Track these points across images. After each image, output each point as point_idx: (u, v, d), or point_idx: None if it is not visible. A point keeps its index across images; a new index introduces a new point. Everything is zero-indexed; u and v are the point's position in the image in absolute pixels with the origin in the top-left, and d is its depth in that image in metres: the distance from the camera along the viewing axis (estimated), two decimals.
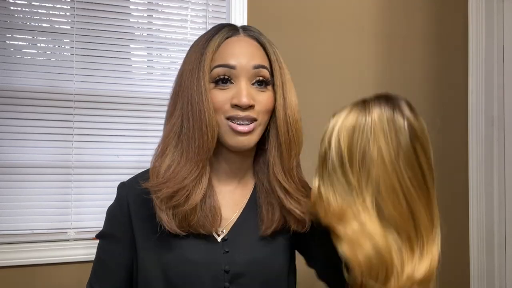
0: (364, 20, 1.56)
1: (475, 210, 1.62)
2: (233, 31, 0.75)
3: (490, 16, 1.62)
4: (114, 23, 1.34)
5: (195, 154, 0.71)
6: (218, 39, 0.73)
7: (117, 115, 1.34)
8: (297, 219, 0.74)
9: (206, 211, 0.72)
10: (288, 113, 0.75)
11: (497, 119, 1.62)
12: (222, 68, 0.71)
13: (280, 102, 0.75)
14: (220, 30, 0.75)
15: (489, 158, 1.62)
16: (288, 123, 0.75)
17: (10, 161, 1.25)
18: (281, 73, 0.76)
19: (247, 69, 0.72)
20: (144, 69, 1.39)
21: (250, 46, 0.75)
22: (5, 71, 1.24)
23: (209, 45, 0.73)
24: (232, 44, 0.74)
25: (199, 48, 0.74)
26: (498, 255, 1.61)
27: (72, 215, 1.29)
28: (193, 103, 0.71)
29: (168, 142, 0.73)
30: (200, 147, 0.71)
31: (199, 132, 0.70)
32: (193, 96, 0.71)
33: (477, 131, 1.62)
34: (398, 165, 0.58)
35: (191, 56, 0.75)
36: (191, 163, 0.71)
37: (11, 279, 1.22)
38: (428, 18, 1.64)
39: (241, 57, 0.72)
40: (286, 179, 0.75)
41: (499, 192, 1.62)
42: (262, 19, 1.44)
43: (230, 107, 0.71)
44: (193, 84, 0.71)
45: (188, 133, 0.71)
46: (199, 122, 0.70)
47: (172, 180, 0.69)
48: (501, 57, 1.62)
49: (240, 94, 0.70)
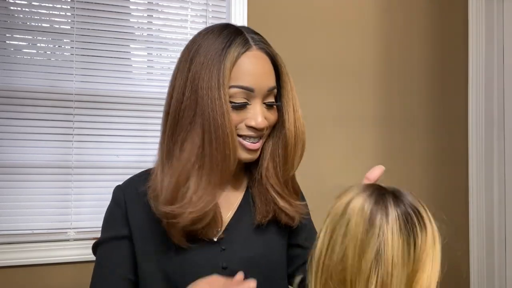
0: (364, 20, 1.56)
1: (475, 210, 1.62)
2: (247, 45, 0.73)
3: (490, 16, 1.62)
4: (114, 23, 1.34)
5: (218, 178, 0.70)
6: (235, 53, 0.71)
7: (117, 115, 1.34)
8: (287, 215, 0.76)
9: (211, 224, 0.72)
10: (297, 125, 0.76)
11: (497, 119, 1.62)
12: (240, 90, 0.71)
13: (292, 118, 0.76)
14: (234, 39, 0.72)
15: (489, 158, 1.62)
16: (297, 137, 0.76)
17: (10, 161, 1.25)
18: (291, 87, 0.77)
19: (263, 91, 0.72)
20: (144, 69, 1.39)
21: (265, 64, 0.74)
22: (5, 71, 1.24)
23: (227, 59, 0.70)
24: (250, 61, 0.72)
25: (214, 60, 0.70)
26: (498, 255, 1.61)
27: (72, 215, 1.29)
28: (216, 126, 0.69)
29: (189, 166, 0.70)
30: (223, 171, 0.70)
31: (223, 156, 0.69)
32: (215, 118, 0.69)
33: (477, 131, 1.62)
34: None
35: (204, 67, 0.71)
36: (214, 187, 0.70)
37: (11, 279, 1.22)
38: (428, 18, 1.64)
39: (259, 78, 0.72)
40: (279, 185, 0.76)
41: (499, 192, 1.62)
42: (262, 19, 1.44)
43: (245, 127, 0.72)
44: (214, 104, 0.69)
45: (211, 156, 0.69)
46: (222, 146, 0.69)
47: (193, 205, 0.68)
48: (501, 57, 1.62)
49: (257, 117, 0.71)
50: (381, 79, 1.57)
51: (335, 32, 1.52)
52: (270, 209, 0.76)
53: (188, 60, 0.73)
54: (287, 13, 1.47)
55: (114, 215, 0.77)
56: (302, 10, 1.49)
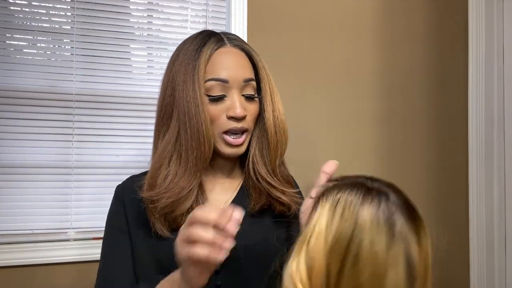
0: (364, 20, 1.56)
1: (475, 210, 1.62)
2: (220, 42, 0.79)
3: (490, 16, 1.62)
4: (114, 23, 1.34)
5: (193, 164, 0.75)
6: (209, 50, 0.77)
7: (117, 115, 1.34)
8: (282, 204, 0.80)
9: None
10: (276, 116, 0.80)
11: (497, 119, 1.62)
12: (215, 82, 0.76)
13: (270, 108, 0.80)
14: (208, 39, 0.79)
15: (489, 158, 1.62)
16: (277, 125, 0.80)
17: (10, 161, 1.25)
18: (268, 80, 0.82)
19: (239, 82, 0.77)
20: (144, 69, 1.39)
21: (239, 57, 0.79)
22: (5, 71, 1.24)
23: (201, 56, 0.76)
24: (223, 56, 0.78)
25: (189, 59, 0.77)
26: (498, 255, 1.61)
27: (72, 215, 1.29)
28: (191, 115, 0.74)
29: (166, 154, 0.76)
30: (198, 158, 0.75)
31: (197, 144, 0.75)
32: (190, 108, 0.75)
33: (477, 131, 1.62)
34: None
35: (181, 66, 0.78)
36: (189, 173, 0.75)
37: (11, 279, 1.22)
38: (428, 18, 1.64)
39: (233, 71, 0.77)
40: (269, 176, 0.81)
41: (499, 192, 1.62)
42: (262, 19, 1.44)
43: (226, 119, 0.76)
44: (189, 96, 0.75)
45: (186, 145, 0.75)
46: (196, 134, 0.74)
47: (170, 190, 0.73)
48: (501, 57, 1.62)
49: (234, 106, 0.76)
50: (381, 79, 1.57)
51: (335, 31, 1.52)
52: (263, 198, 0.80)
53: (171, 64, 0.81)
54: (287, 13, 1.47)
55: (116, 210, 0.82)
56: (302, 10, 1.49)
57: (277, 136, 0.80)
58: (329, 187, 0.54)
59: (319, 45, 1.50)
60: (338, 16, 1.53)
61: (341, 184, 0.54)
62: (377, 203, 0.49)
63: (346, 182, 0.54)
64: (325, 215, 0.51)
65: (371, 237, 0.46)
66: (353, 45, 1.54)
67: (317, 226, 0.50)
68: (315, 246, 0.50)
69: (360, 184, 0.53)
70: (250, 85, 0.79)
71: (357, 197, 0.50)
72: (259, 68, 0.81)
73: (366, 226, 0.46)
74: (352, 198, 0.50)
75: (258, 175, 0.81)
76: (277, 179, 0.81)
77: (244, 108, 0.77)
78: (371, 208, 0.48)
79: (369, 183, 0.53)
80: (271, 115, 0.80)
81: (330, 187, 0.54)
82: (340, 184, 0.54)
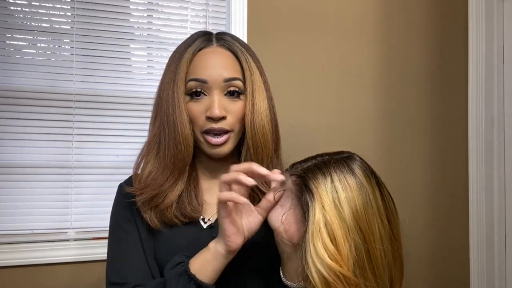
0: (364, 20, 1.56)
1: (475, 210, 1.62)
2: (206, 42, 0.80)
3: (490, 16, 1.62)
4: (114, 23, 1.34)
5: (170, 162, 0.77)
6: (192, 50, 0.78)
7: (117, 115, 1.34)
8: None
9: (184, 205, 0.78)
10: (255, 119, 0.79)
11: (497, 120, 1.62)
12: (194, 82, 0.77)
13: (249, 109, 0.79)
14: (195, 41, 0.80)
15: (489, 158, 1.62)
16: (255, 128, 0.79)
17: (10, 161, 1.25)
18: (252, 80, 0.80)
19: (218, 82, 0.77)
20: (144, 69, 1.39)
21: (222, 57, 0.79)
22: (5, 71, 1.24)
23: (183, 58, 0.78)
24: (205, 56, 0.79)
25: (175, 60, 0.80)
26: (498, 255, 1.61)
27: (72, 215, 1.29)
28: (169, 115, 0.77)
29: (149, 150, 0.80)
30: (175, 157, 0.77)
31: (174, 143, 0.77)
32: (168, 108, 0.77)
33: (477, 131, 1.62)
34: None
35: (169, 67, 0.81)
36: (167, 171, 0.77)
37: (11, 279, 1.22)
38: (428, 18, 1.64)
39: (212, 71, 0.77)
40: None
41: (499, 192, 1.62)
42: (262, 19, 1.44)
43: (205, 119, 0.77)
44: (169, 96, 0.77)
45: (164, 143, 0.78)
46: (173, 133, 0.76)
47: (151, 185, 0.76)
48: (501, 57, 1.62)
49: (212, 106, 0.76)
50: (381, 79, 1.57)
51: (335, 31, 1.52)
52: (258, 198, 0.80)
53: (166, 64, 0.83)
54: (287, 13, 1.47)
55: (121, 204, 0.83)
56: (302, 10, 1.49)
57: (256, 139, 0.79)
58: (303, 176, 0.61)
59: (319, 45, 1.50)
60: (338, 16, 1.53)
61: (311, 168, 0.61)
62: (358, 164, 0.60)
63: (313, 164, 0.62)
64: (327, 193, 0.57)
65: (373, 191, 0.57)
66: (353, 45, 1.54)
67: (325, 205, 0.56)
68: (333, 222, 0.56)
69: (328, 159, 0.62)
70: (232, 85, 0.78)
71: (341, 167, 0.59)
72: (244, 68, 0.80)
73: (366, 183, 0.57)
74: (339, 169, 0.59)
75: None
76: (265, 182, 0.80)
77: (226, 108, 0.77)
78: (358, 169, 0.59)
79: (331, 157, 0.63)
80: (249, 118, 0.79)
81: (304, 175, 0.59)
82: (310, 168, 0.61)
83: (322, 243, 0.55)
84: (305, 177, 0.60)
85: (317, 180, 0.58)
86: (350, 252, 0.55)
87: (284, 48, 1.47)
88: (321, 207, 0.56)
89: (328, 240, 0.55)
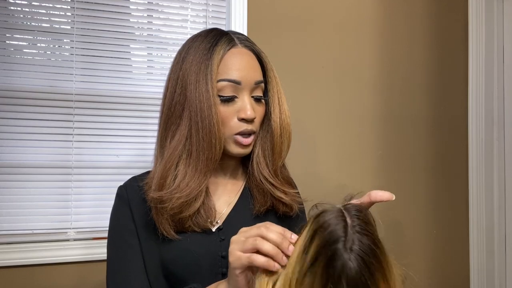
0: (364, 20, 1.56)
1: (475, 210, 1.62)
2: (233, 42, 0.79)
3: (490, 16, 1.62)
4: (114, 23, 1.34)
5: (204, 165, 0.75)
6: (222, 50, 0.76)
7: (117, 115, 1.34)
8: (284, 204, 0.81)
9: (202, 214, 0.76)
10: (283, 119, 0.81)
11: (497, 119, 1.62)
12: (227, 83, 0.75)
13: (277, 110, 0.81)
14: (220, 38, 0.78)
15: (489, 158, 1.62)
16: (283, 128, 0.81)
17: (10, 161, 1.25)
18: (276, 82, 0.82)
19: (250, 84, 0.77)
20: (144, 69, 1.39)
21: (251, 59, 0.79)
22: (5, 71, 1.24)
23: (214, 56, 0.75)
24: (235, 56, 0.77)
25: (201, 57, 0.76)
26: (498, 255, 1.61)
27: (72, 215, 1.29)
28: (203, 116, 0.74)
29: (176, 154, 0.75)
30: (209, 159, 0.75)
31: (208, 145, 0.74)
32: (202, 108, 0.74)
33: (477, 131, 1.62)
34: None
35: (192, 64, 0.76)
36: (199, 174, 0.75)
37: (11, 279, 1.22)
38: (428, 18, 1.64)
39: (245, 72, 0.76)
40: (271, 177, 0.81)
41: (499, 192, 1.62)
42: (262, 19, 1.44)
43: (237, 121, 0.76)
44: (202, 96, 0.74)
45: (197, 145, 0.75)
46: (208, 135, 0.74)
47: (180, 191, 0.73)
48: (501, 57, 1.62)
49: (246, 108, 0.76)
50: (381, 79, 1.57)
51: (335, 31, 1.52)
52: (267, 199, 0.80)
53: (179, 61, 0.79)
54: (287, 13, 1.47)
55: (120, 210, 0.80)
56: (302, 10, 1.49)
57: (282, 138, 0.80)
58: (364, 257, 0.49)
59: (319, 45, 1.50)
60: (338, 16, 1.53)
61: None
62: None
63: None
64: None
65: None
66: (353, 45, 1.54)
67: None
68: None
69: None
70: (259, 87, 0.79)
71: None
72: (268, 70, 0.81)
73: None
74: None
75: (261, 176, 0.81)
76: (278, 180, 0.81)
77: (254, 110, 0.77)
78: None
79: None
80: (278, 118, 0.80)
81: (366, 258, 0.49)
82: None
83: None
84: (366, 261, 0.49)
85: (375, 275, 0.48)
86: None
87: (284, 48, 1.47)
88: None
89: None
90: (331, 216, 0.51)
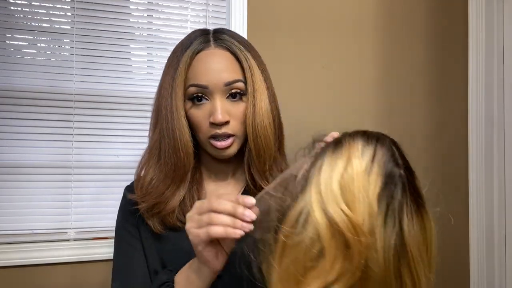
0: (364, 20, 1.56)
1: (475, 210, 1.62)
2: (204, 44, 0.77)
3: (490, 16, 1.62)
4: (114, 23, 1.34)
5: (171, 170, 0.76)
6: (190, 54, 0.76)
7: (117, 115, 1.34)
8: None
9: (188, 209, 0.76)
10: (256, 121, 0.77)
11: (497, 119, 1.62)
12: (195, 88, 0.75)
13: (250, 111, 0.77)
14: (192, 42, 0.78)
15: (489, 158, 1.62)
16: (256, 130, 0.77)
17: (10, 161, 1.25)
18: (253, 80, 0.78)
19: (219, 87, 0.75)
20: (144, 69, 1.39)
21: (222, 60, 0.77)
22: (5, 71, 1.24)
23: (181, 62, 0.76)
24: (203, 60, 0.76)
25: (173, 64, 0.77)
26: (498, 255, 1.61)
27: (72, 215, 1.29)
28: (167, 122, 0.75)
29: (150, 157, 0.79)
30: (175, 165, 0.76)
31: (173, 150, 0.75)
32: (167, 115, 0.75)
33: (477, 131, 1.62)
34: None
35: (167, 71, 0.78)
36: (168, 179, 0.76)
37: (11, 279, 1.22)
38: (428, 18, 1.64)
39: (212, 75, 0.75)
40: (262, 180, 0.80)
41: (499, 192, 1.62)
42: (262, 19, 1.44)
43: (209, 125, 0.76)
44: (167, 103, 0.76)
45: (165, 150, 0.76)
46: (172, 141, 0.75)
47: (152, 194, 0.75)
48: (501, 57, 1.62)
49: (215, 111, 0.74)
50: (381, 79, 1.57)
51: (335, 31, 1.52)
52: None
53: (165, 64, 0.81)
54: (287, 13, 1.47)
55: (126, 209, 0.82)
56: (302, 10, 1.49)
57: (257, 141, 0.77)
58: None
59: (319, 45, 1.50)
60: (338, 16, 1.53)
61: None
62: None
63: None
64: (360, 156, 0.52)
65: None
66: (353, 45, 1.54)
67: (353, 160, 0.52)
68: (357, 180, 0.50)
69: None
70: (234, 87, 0.76)
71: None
72: (244, 69, 0.78)
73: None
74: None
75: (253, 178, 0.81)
76: (268, 182, 0.79)
77: (229, 112, 0.76)
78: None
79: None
80: (250, 120, 0.77)
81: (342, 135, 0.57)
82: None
83: (339, 187, 0.49)
84: (341, 137, 0.55)
85: (355, 139, 0.53)
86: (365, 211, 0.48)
87: (284, 48, 1.47)
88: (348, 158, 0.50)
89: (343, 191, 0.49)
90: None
